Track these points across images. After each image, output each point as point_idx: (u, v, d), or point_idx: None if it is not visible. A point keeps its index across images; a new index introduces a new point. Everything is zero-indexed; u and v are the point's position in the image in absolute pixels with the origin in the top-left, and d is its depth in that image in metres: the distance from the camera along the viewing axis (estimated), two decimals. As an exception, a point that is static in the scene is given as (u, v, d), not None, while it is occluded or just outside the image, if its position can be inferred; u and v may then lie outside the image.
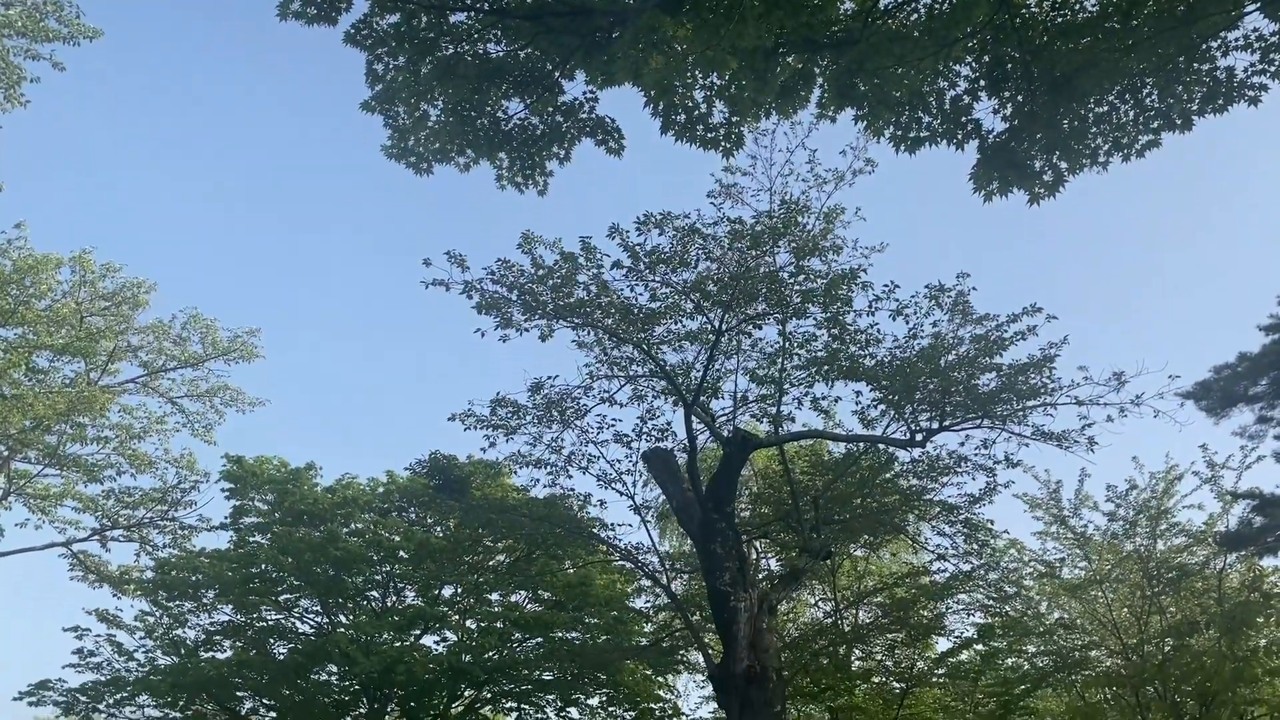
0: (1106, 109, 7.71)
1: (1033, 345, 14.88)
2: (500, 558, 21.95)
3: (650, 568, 18.46)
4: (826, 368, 15.41)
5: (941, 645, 21.01)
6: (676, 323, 15.35)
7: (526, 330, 14.94)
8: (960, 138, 7.97)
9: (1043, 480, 21.01)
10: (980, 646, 19.71)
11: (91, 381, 22.00)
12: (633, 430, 16.13)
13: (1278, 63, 7.40)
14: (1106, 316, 68.16)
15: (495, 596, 22.34)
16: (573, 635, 21.68)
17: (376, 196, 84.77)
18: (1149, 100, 7.66)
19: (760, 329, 15.68)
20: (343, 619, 21.59)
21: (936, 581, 18.88)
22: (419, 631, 21.21)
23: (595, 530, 18.34)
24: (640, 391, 16.08)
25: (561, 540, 19.24)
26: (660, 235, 14.58)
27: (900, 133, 7.99)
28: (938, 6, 7.22)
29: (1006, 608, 19.27)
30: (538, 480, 16.84)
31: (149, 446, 22.76)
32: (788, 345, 15.53)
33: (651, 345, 15.39)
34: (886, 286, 14.94)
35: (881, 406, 15.59)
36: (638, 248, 14.62)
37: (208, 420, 23.79)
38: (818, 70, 7.79)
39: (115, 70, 62.82)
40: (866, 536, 18.93)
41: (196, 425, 23.70)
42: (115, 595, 22.97)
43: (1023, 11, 7.46)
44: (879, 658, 20.49)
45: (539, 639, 21.22)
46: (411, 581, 21.91)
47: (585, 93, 8.31)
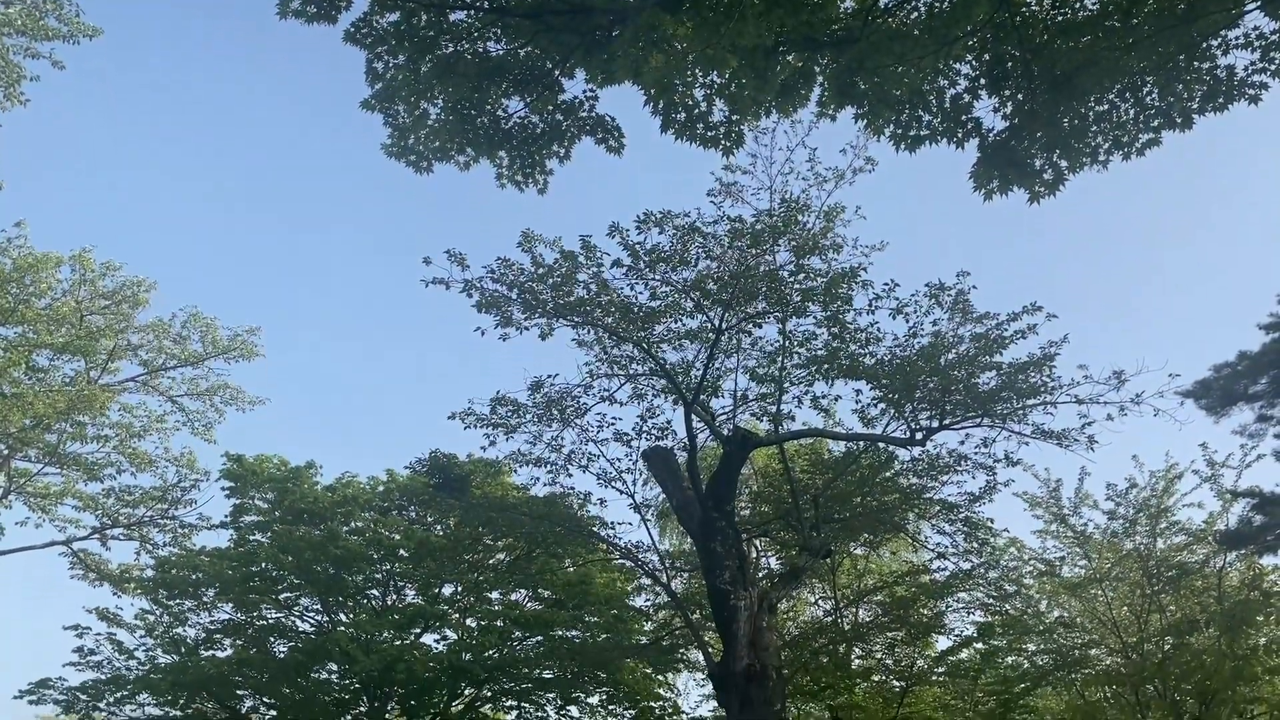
0: (1107, 107, 7.71)
1: (1033, 344, 14.89)
2: (500, 556, 21.96)
3: (650, 566, 18.48)
4: (826, 366, 15.41)
5: (941, 644, 21.04)
6: (676, 321, 15.36)
7: (526, 329, 14.95)
8: (960, 136, 7.97)
9: (1043, 479, 21.05)
10: (980, 645, 19.71)
11: (91, 380, 22.01)
12: (633, 429, 16.15)
13: (1278, 61, 7.40)
14: (1106, 315, 68.21)
15: (495, 595, 22.35)
16: (573, 634, 21.69)
17: (376, 196, 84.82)
18: (1149, 99, 7.66)
19: (760, 327, 15.70)
20: (343, 617, 21.60)
21: (936, 580, 18.88)
22: (419, 630, 21.22)
23: (595, 529, 18.34)
24: (640, 390, 16.11)
25: (561, 539, 19.24)
26: (660, 234, 14.60)
27: (900, 131, 7.99)
28: (938, 5, 7.22)
29: (1006, 606, 19.28)
30: (538, 479, 16.87)
31: (149, 445, 22.81)
32: (788, 344, 15.54)
33: (651, 344, 15.40)
34: (886, 285, 14.97)
35: (881, 405, 15.60)
36: (638, 246, 14.62)
37: (208, 419, 23.84)
38: (818, 69, 7.79)
39: (115, 69, 62.86)
40: (866, 535, 18.93)
41: (196, 424, 23.75)
42: (115, 594, 23.00)
43: (1023, 10, 7.46)
44: (879, 656, 20.50)
45: (539, 637, 21.24)
46: (412, 580, 21.93)
47: (585, 91, 8.32)
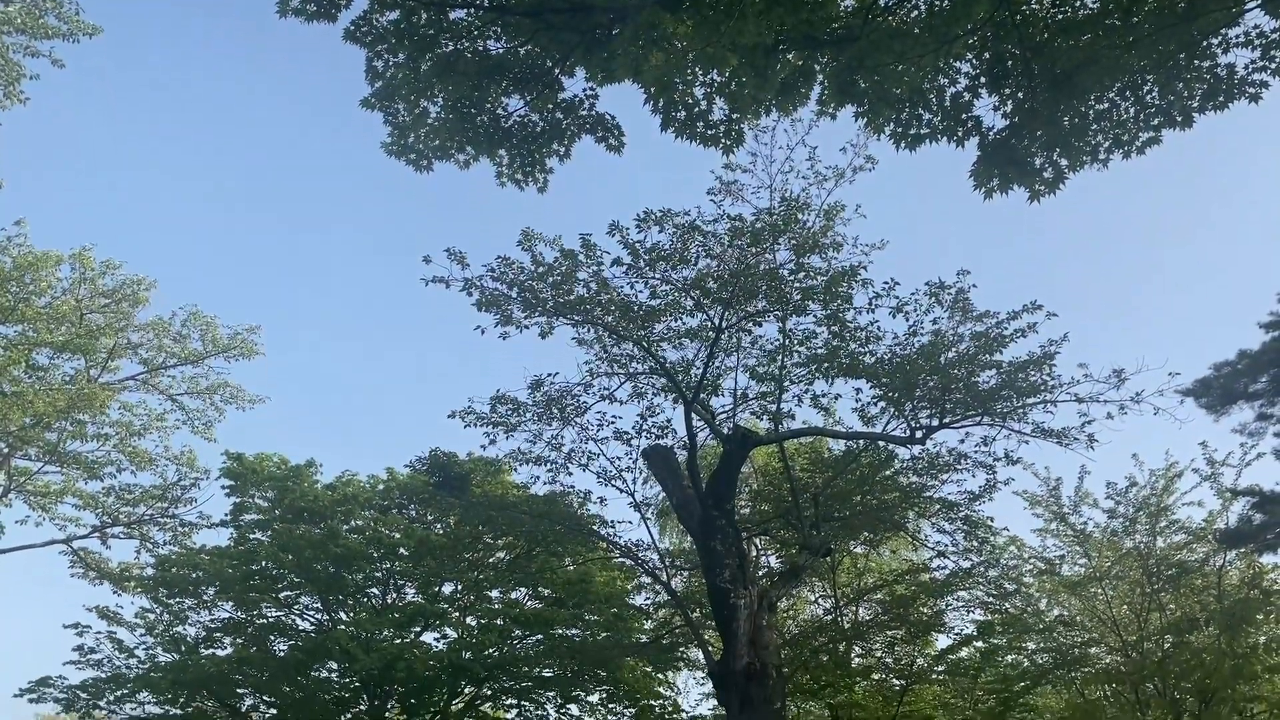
0: (1107, 106, 7.71)
1: (1033, 342, 14.89)
2: (500, 555, 21.97)
3: (650, 565, 18.48)
4: (826, 365, 15.41)
5: (941, 642, 21.06)
6: (676, 320, 15.36)
7: (526, 327, 14.94)
8: (960, 135, 7.96)
9: (1042, 477, 21.05)
10: (980, 643, 19.71)
11: (91, 379, 22.00)
12: (633, 427, 16.15)
13: (1278, 59, 7.40)
14: (1106, 313, 68.22)
15: (495, 593, 22.36)
16: (573, 632, 21.71)
17: (376, 196, 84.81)
18: (1149, 97, 7.66)
19: (760, 326, 15.69)
20: (343, 616, 21.61)
21: (936, 578, 18.89)
22: (419, 628, 21.22)
23: (595, 527, 18.34)
24: (640, 389, 16.11)
25: (561, 537, 19.25)
26: (660, 232, 14.59)
27: (900, 130, 7.98)
28: (938, 3, 7.21)
29: (1006, 605, 19.29)
30: (538, 477, 16.87)
31: (149, 443, 22.78)
32: (788, 342, 15.53)
33: (651, 342, 15.40)
34: (886, 284, 14.95)
35: (881, 404, 15.60)
36: (638, 245, 14.61)
37: (208, 417, 23.81)
38: (818, 67, 7.78)
39: (115, 67, 62.85)
40: (866, 533, 18.94)
41: (196, 422, 23.72)
42: (116, 592, 22.99)
43: (1023, 8, 7.46)
44: (879, 654, 20.51)
45: (539, 636, 21.25)
46: (412, 578, 21.94)
47: (585, 89, 8.32)
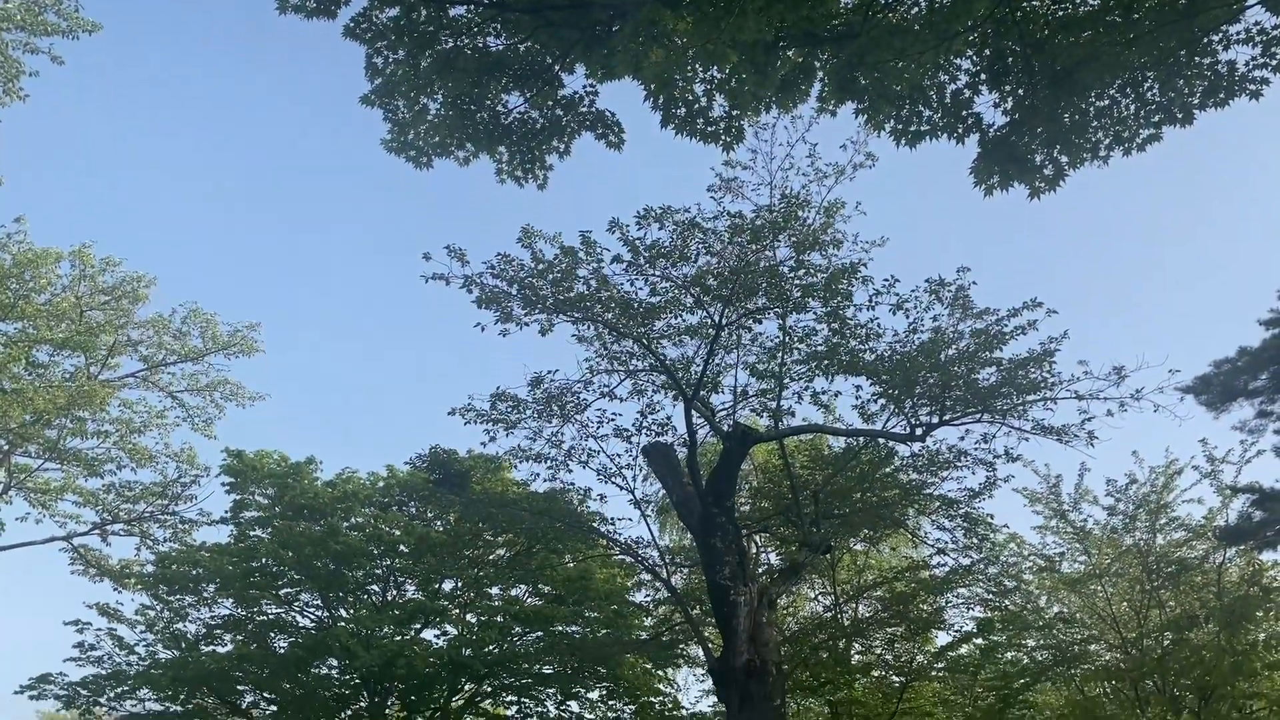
0: (1107, 103, 7.70)
1: (1033, 340, 14.86)
2: (500, 552, 21.97)
3: (650, 562, 18.47)
4: (826, 362, 15.39)
5: (941, 639, 21.03)
6: (676, 317, 15.34)
7: (526, 324, 14.91)
8: (961, 131, 7.96)
9: (1042, 475, 21.03)
10: (980, 640, 19.70)
11: (91, 376, 21.99)
12: (633, 425, 16.13)
13: (1279, 56, 7.39)
14: (1107, 311, 68.25)
15: (495, 590, 22.37)
16: (573, 629, 21.73)
17: (376, 195, 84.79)
18: (1150, 94, 7.65)
19: (760, 323, 15.67)
20: (343, 613, 21.62)
21: (936, 576, 18.90)
22: (419, 625, 21.24)
23: (595, 524, 18.33)
24: (640, 386, 16.08)
25: (561, 534, 19.25)
26: (660, 229, 14.56)
27: (901, 126, 7.98)
28: (938, 0, 7.21)
29: (1006, 602, 19.29)
30: (538, 474, 16.85)
31: (149, 441, 22.77)
32: (788, 340, 15.51)
33: (651, 340, 15.38)
34: (887, 281, 14.93)
35: (881, 401, 15.58)
36: (638, 242, 14.59)
37: (208, 414, 23.80)
38: (818, 64, 7.78)
39: (114, 65, 62.87)
40: (866, 531, 18.93)
41: (196, 420, 23.71)
42: (116, 589, 23.00)
43: (1023, 5, 7.45)
44: (879, 652, 20.52)
45: (539, 633, 21.27)
46: (412, 575, 21.95)
47: (585, 86, 8.33)
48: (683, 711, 22.84)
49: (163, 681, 19.82)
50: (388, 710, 21.06)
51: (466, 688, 21.93)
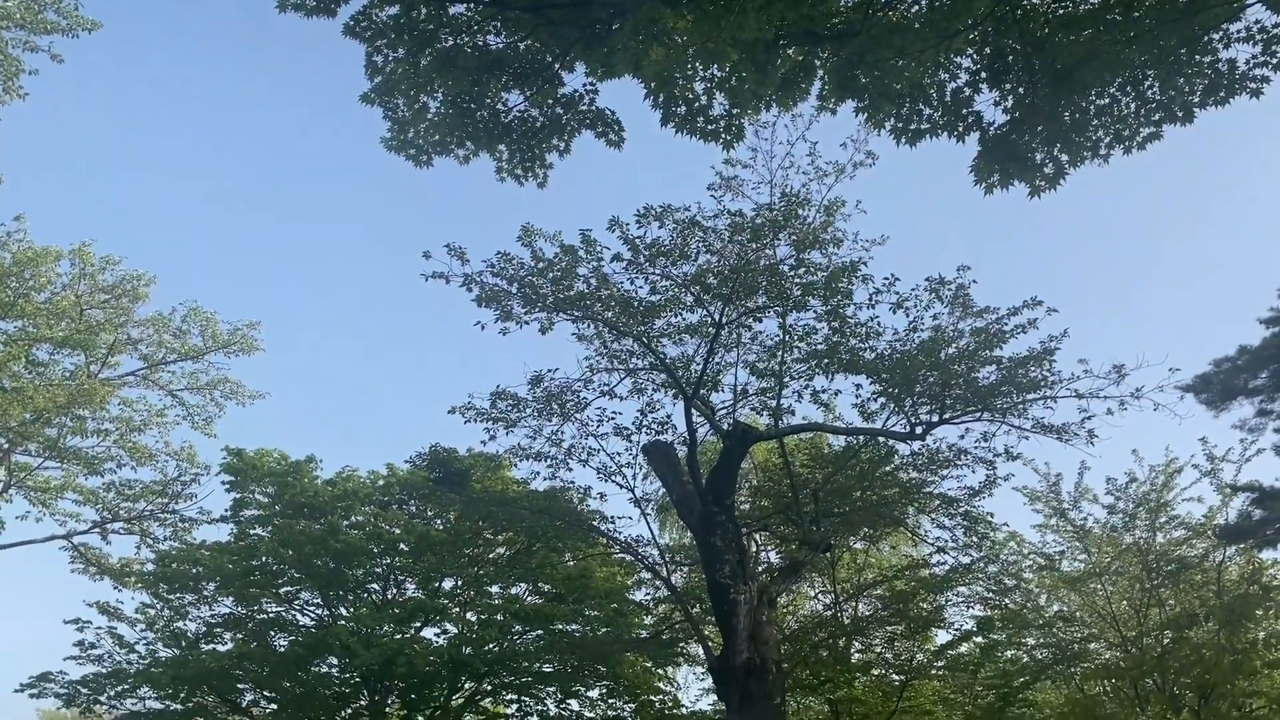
0: (1108, 101, 7.70)
1: (1033, 338, 14.88)
2: (500, 550, 21.97)
3: (650, 560, 18.48)
4: (826, 361, 15.39)
5: (941, 638, 21.05)
6: (677, 316, 15.33)
7: (526, 323, 14.91)
8: (961, 130, 7.96)
9: (1042, 473, 21.03)
10: (979, 639, 19.71)
11: (91, 374, 21.99)
12: (633, 423, 16.12)
13: (1279, 55, 7.39)
14: (1107, 309, 68.28)
15: (495, 589, 22.38)
16: (573, 628, 21.73)
17: (376, 193, 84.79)
18: (1150, 92, 7.65)
19: (760, 322, 15.67)
20: (343, 611, 21.62)
21: (936, 574, 18.90)
22: (419, 624, 21.25)
23: (595, 523, 18.35)
24: (640, 384, 16.08)
25: (561, 533, 19.25)
26: (660, 228, 14.55)
27: (901, 125, 7.98)
28: (939, -2, 7.21)
29: (1006, 600, 19.30)
30: (538, 473, 16.89)
31: (149, 439, 22.76)
32: (788, 338, 15.51)
33: (651, 338, 15.38)
34: (887, 279, 14.91)
35: (881, 399, 15.57)
36: (638, 240, 14.58)
37: (208, 413, 23.78)
38: (818, 62, 7.78)
39: (114, 64, 62.88)
40: (866, 529, 18.93)
41: (196, 418, 23.70)
42: (116, 588, 23.01)
43: (1024, 3, 7.45)
44: (878, 650, 20.52)
45: (539, 631, 21.27)
46: (412, 574, 21.95)
47: (585, 85, 8.33)
48: (683, 710, 22.85)
49: (163, 680, 19.83)
50: (388, 708, 21.07)
51: (467, 686, 21.94)
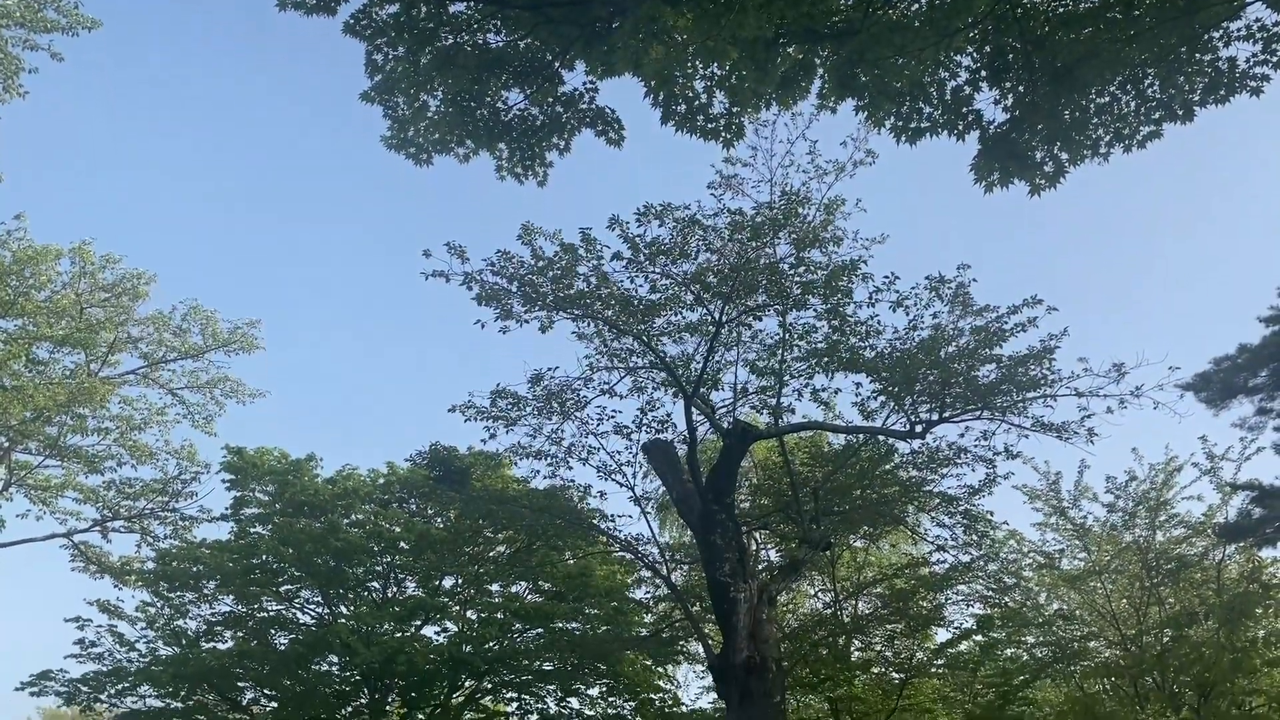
0: (1108, 99, 7.71)
1: (1033, 337, 14.86)
2: (500, 549, 21.98)
3: (650, 559, 18.49)
4: (826, 359, 15.39)
5: (941, 636, 21.07)
6: (676, 314, 15.34)
7: (526, 321, 14.90)
8: (961, 128, 7.97)
9: (1042, 471, 21.04)
10: (979, 637, 19.73)
11: (92, 373, 21.98)
12: (633, 422, 16.14)
13: (1279, 53, 7.39)
14: (1107, 308, 68.26)
15: (496, 587, 22.40)
16: (573, 626, 21.74)
17: (376, 193, 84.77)
18: (1150, 91, 7.65)
19: (760, 320, 15.67)
20: (343, 609, 21.64)
21: (936, 572, 18.91)
22: (420, 622, 21.26)
23: (595, 521, 18.36)
24: (640, 383, 16.08)
25: (562, 531, 19.26)
26: (660, 226, 14.55)
27: (901, 123, 7.98)
28: (939, -4, 7.20)
29: (1006, 599, 19.31)
30: (538, 471, 16.86)
31: (149, 438, 22.73)
32: (788, 337, 15.52)
33: (651, 337, 15.38)
34: (887, 278, 14.92)
35: (881, 398, 15.57)
36: (638, 239, 14.58)
37: (208, 411, 23.74)
38: (818, 61, 7.78)
39: (114, 62, 62.85)
40: (866, 528, 18.94)
41: (197, 416, 23.66)
42: (116, 586, 22.99)
43: (1024, 2, 7.45)
44: (878, 648, 20.53)
45: (539, 629, 21.28)
46: (412, 572, 21.96)
47: (585, 83, 8.32)
48: (683, 708, 22.87)
49: (163, 678, 19.84)
50: (388, 707, 21.09)
51: (467, 684, 21.96)
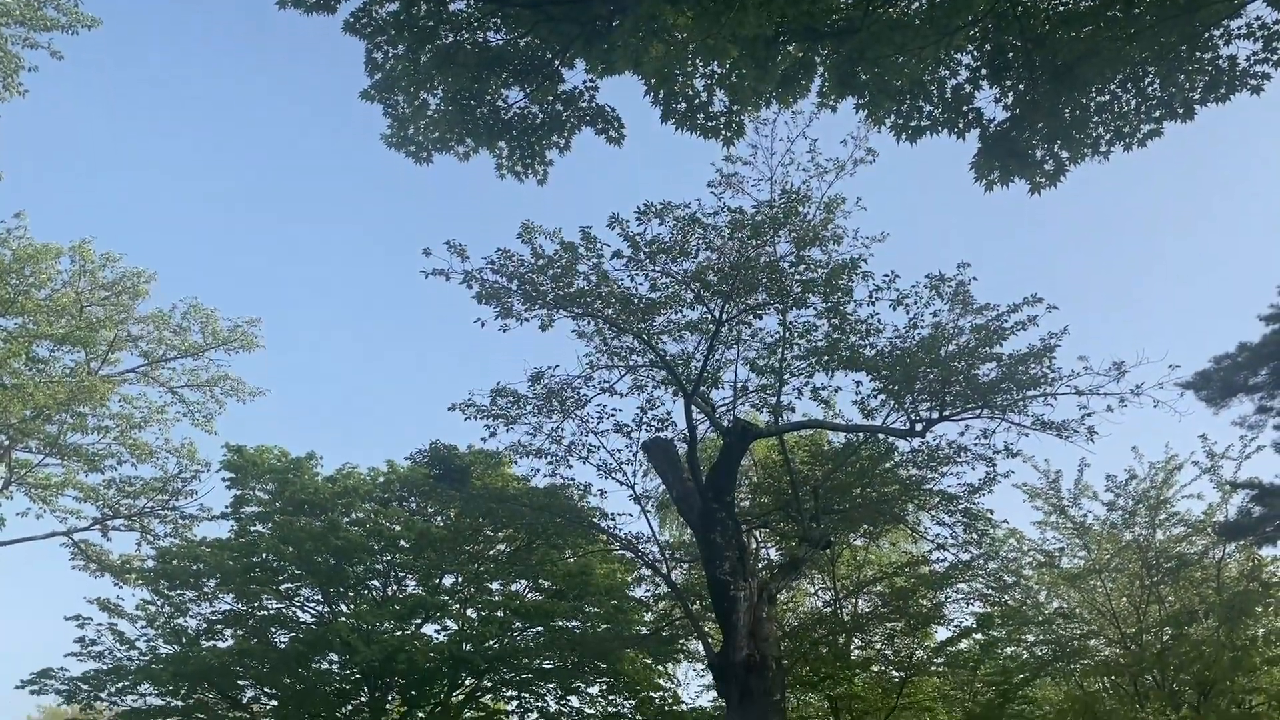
0: (1108, 98, 7.70)
1: (1033, 335, 14.87)
2: (501, 547, 21.99)
3: (650, 557, 18.49)
4: (826, 358, 15.39)
5: (941, 634, 21.07)
6: (677, 313, 15.33)
7: (526, 320, 14.91)
8: (961, 127, 7.96)
9: (1042, 470, 21.04)
10: (979, 635, 19.74)
11: (92, 371, 21.99)
12: (633, 420, 16.14)
13: (1280, 51, 7.38)
14: (1107, 306, 68.26)
15: (496, 585, 22.40)
16: (573, 624, 21.76)
17: (376, 192, 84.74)
18: (1151, 89, 7.64)
19: (760, 319, 15.67)
20: (344, 608, 21.65)
21: (936, 571, 18.93)
22: (420, 620, 21.27)
23: (595, 520, 18.37)
24: (640, 381, 16.08)
25: (562, 529, 19.27)
26: (660, 225, 14.54)
27: (901, 122, 7.97)
28: (939, -5, 7.19)
29: (1005, 597, 19.33)
30: (538, 470, 16.85)
31: (149, 436, 22.74)
32: (788, 335, 15.51)
33: (652, 335, 15.38)
34: (887, 276, 14.92)
35: (881, 396, 15.57)
36: (638, 237, 14.58)
37: (208, 410, 23.76)
38: (818, 59, 7.77)
39: (114, 61, 62.83)
40: (866, 526, 18.96)
41: (197, 415, 23.67)
42: (116, 584, 23.00)
43: (1024, 0, 7.44)
44: (878, 647, 20.55)
45: (539, 628, 21.30)
46: (412, 570, 21.97)
47: (585, 81, 8.31)
48: (683, 706, 22.88)
49: (163, 676, 19.86)
50: (388, 705, 21.10)
51: (467, 683, 21.97)
